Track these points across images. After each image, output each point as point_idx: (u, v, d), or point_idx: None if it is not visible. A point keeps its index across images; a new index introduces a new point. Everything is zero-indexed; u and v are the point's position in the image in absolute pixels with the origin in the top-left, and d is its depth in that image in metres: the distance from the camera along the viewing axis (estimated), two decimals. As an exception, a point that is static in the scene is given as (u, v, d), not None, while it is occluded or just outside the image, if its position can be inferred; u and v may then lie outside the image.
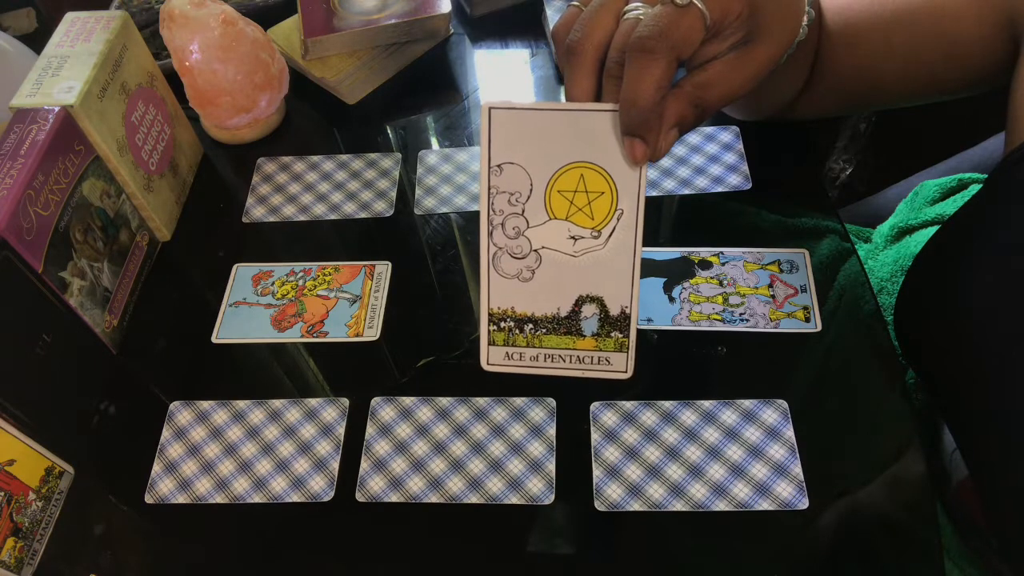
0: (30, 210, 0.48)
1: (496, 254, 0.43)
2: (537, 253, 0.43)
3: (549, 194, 0.42)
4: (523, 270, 0.43)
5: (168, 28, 0.63)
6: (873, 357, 0.53)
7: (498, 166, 0.42)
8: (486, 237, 0.43)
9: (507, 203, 0.42)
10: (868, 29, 0.52)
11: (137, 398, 0.56)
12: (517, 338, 0.44)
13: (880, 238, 0.69)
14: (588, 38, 0.40)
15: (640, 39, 0.38)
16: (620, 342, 0.43)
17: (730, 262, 0.57)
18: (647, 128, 0.39)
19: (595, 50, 0.40)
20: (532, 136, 0.41)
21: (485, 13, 0.79)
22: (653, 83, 0.38)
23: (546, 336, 0.44)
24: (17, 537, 0.47)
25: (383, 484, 0.50)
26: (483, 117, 0.41)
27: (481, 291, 0.44)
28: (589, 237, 0.42)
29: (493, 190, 0.42)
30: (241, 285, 0.60)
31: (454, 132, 0.70)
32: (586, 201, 0.42)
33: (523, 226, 0.42)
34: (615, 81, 0.40)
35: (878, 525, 0.46)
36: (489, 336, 0.44)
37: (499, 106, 0.41)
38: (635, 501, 0.48)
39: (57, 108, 0.52)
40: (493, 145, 0.42)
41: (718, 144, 0.65)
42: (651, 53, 0.37)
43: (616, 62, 0.39)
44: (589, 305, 0.43)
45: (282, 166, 0.69)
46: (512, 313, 0.44)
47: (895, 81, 0.54)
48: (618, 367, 0.44)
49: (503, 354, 0.45)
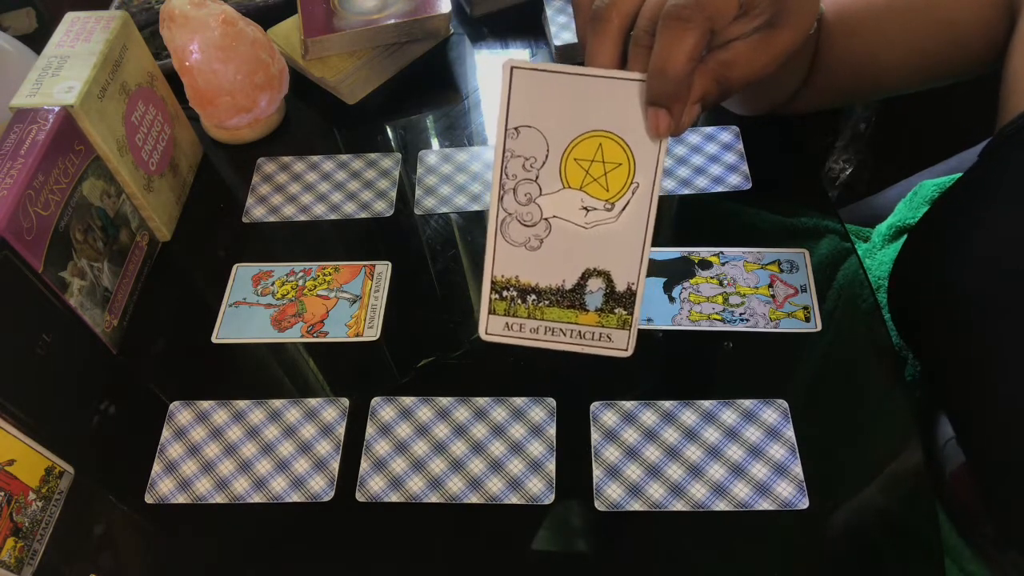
0: (30, 210, 0.48)
1: (505, 220, 0.42)
2: (547, 222, 0.42)
3: (565, 161, 0.41)
4: (531, 238, 0.42)
5: (168, 28, 0.63)
6: (873, 357, 0.53)
7: (515, 129, 0.40)
8: (496, 202, 0.42)
9: (521, 168, 0.41)
10: (865, 18, 0.52)
11: (137, 398, 0.56)
12: (519, 308, 0.43)
13: (878, 237, 0.69)
14: (616, 5, 0.39)
15: (676, 7, 0.37)
16: (623, 319, 0.42)
17: (730, 262, 0.57)
18: (675, 99, 0.38)
19: (623, 18, 0.40)
20: (553, 100, 0.40)
21: (485, 13, 0.79)
22: (686, 52, 0.37)
23: (548, 308, 0.43)
24: (17, 537, 0.47)
25: (383, 484, 0.50)
26: (504, 77, 0.40)
27: (486, 257, 0.42)
28: (602, 209, 0.41)
29: (508, 153, 0.41)
30: (241, 285, 0.60)
31: (454, 132, 0.70)
32: (602, 171, 0.41)
33: (535, 193, 0.41)
34: (644, 50, 0.39)
35: (878, 524, 0.46)
36: (490, 304, 0.43)
37: (521, 66, 0.40)
38: (635, 501, 0.48)
39: (57, 108, 0.52)
40: (512, 107, 0.40)
41: (718, 144, 0.65)
42: (686, 22, 0.37)
43: (645, 31, 0.39)
44: (595, 279, 0.42)
45: (282, 166, 0.69)
46: (516, 282, 0.43)
47: (894, 68, 0.54)
48: (619, 344, 0.43)
49: (503, 324, 0.43)
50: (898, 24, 0.51)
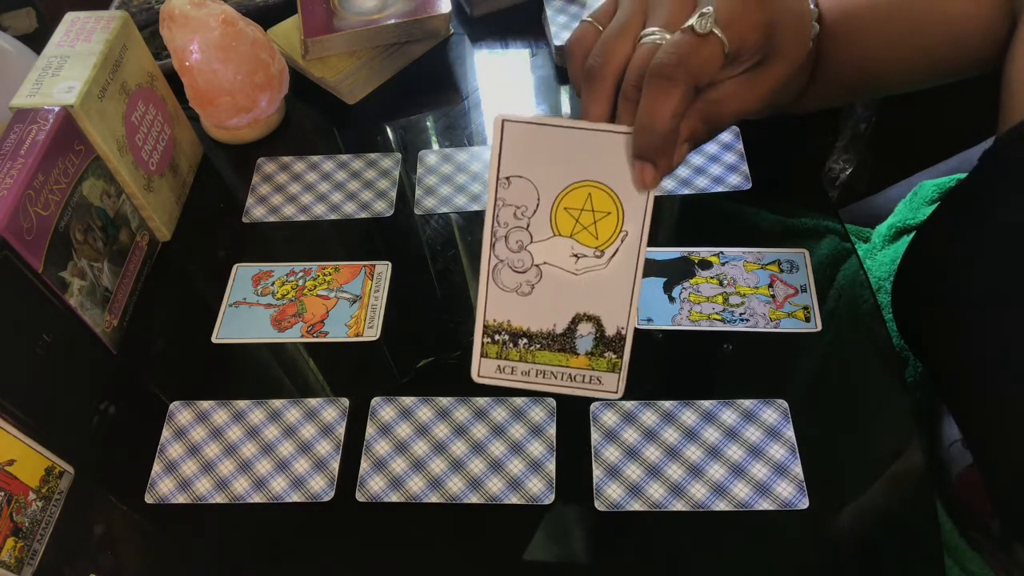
0: (30, 210, 0.48)
1: (497, 266, 0.43)
2: (538, 268, 0.43)
3: (555, 210, 0.42)
4: (523, 284, 0.43)
5: (168, 28, 0.63)
6: (873, 357, 0.53)
7: (507, 179, 0.42)
8: (488, 248, 0.42)
9: (512, 216, 0.42)
10: (866, 18, 0.52)
11: (137, 398, 0.56)
12: (510, 352, 0.44)
13: (878, 238, 0.69)
14: (607, 64, 0.40)
15: (660, 65, 0.38)
16: (613, 363, 0.43)
17: (730, 262, 0.57)
18: (660, 153, 0.39)
19: (614, 74, 0.40)
20: (543, 152, 0.41)
21: (485, 13, 0.79)
22: (670, 110, 0.38)
23: (539, 352, 0.43)
24: (17, 537, 0.47)
25: (383, 484, 0.50)
26: (495, 129, 0.41)
27: (478, 303, 0.43)
28: (592, 256, 0.42)
29: (500, 202, 0.42)
30: (241, 285, 0.60)
31: (454, 132, 0.70)
32: (592, 220, 0.42)
33: (526, 240, 0.42)
34: (631, 104, 0.40)
35: (878, 524, 0.46)
36: (482, 348, 0.44)
37: (513, 119, 0.41)
38: (635, 501, 0.48)
39: (57, 108, 0.52)
40: (503, 157, 0.41)
41: (718, 144, 0.65)
42: (670, 80, 0.38)
43: (633, 86, 0.39)
44: (585, 323, 0.43)
45: (282, 166, 0.69)
46: (508, 326, 0.43)
47: (895, 67, 0.54)
48: (609, 387, 0.44)
49: (495, 367, 0.44)
50: (900, 22, 0.51)
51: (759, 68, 0.43)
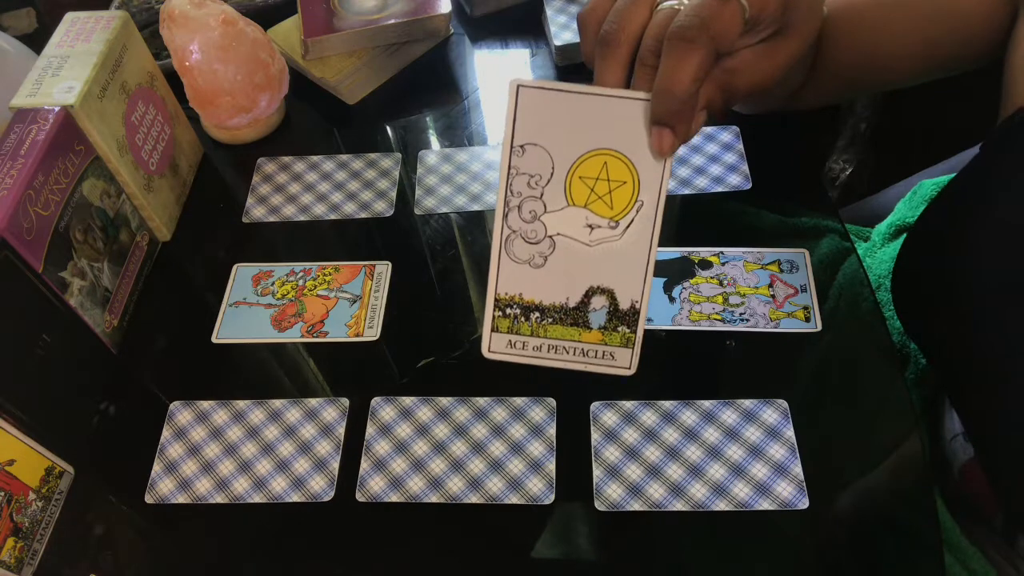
0: (30, 210, 0.48)
1: (509, 237, 0.42)
2: (551, 239, 0.42)
3: (570, 179, 0.41)
4: (535, 256, 0.42)
5: (168, 28, 0.63)
6: (873, 357, 0.53)
7: (520, 147, 0.41)
8: (501, 219, 0.42)
9: (526, 185, 0.41)
10: (869, 8, 0.52)
11: (137, 398, 0.56)
12: (522, 326, 0.43)
13: (878, 236, 0.69)
14: (623, 29, 0.40)
15: (681, 28, 0.37)
16: (627, 337, 0.42)
17: (730, 262, 0.57)
18: (679, 118, 0.39)
19: (630, 41, 0.40)
20: (559, 119, 0.40)
21: (485, 13, 0.79)
22: (691, 73, 0.37)
23: (551, 326, 0.43)
24: (17, 537, 0.47)
25: (383, 484, 0.50)
26: (510, 95, 0.40)
27: (490, 274, 0.42)
28: (606, 227, 0.41)
29: (513, 171, 0.41)
30: (241, 285, 0.60)
31: (454, 132, 0.70)
32: (607, 189, 0.41)
33: (540, 210, 0.41)
34: (649, 70, 0.39)
35: (878, 524, 0.46)
36: (493, 322, 0.43)
37: (528, 84, 0.40)
38: (635, 501, 0.48)
39: (57, 108, 0.52)
40: (518, 125, 0.40)
41: (718, 144, 0.65)
42: (691, 43, 0.37)
43: (651, 51, 0.39)
44: (599, 297, 0.42)
45: (282, 166, 0.69)
46: (519, 299, 0.42)
47: (897, 60, 0.54)
48: (622, 363, 0.43)
49: (505, 342, 0.43)
50: (901, 13, 0.52)
51: (775, 40, 0.43)
